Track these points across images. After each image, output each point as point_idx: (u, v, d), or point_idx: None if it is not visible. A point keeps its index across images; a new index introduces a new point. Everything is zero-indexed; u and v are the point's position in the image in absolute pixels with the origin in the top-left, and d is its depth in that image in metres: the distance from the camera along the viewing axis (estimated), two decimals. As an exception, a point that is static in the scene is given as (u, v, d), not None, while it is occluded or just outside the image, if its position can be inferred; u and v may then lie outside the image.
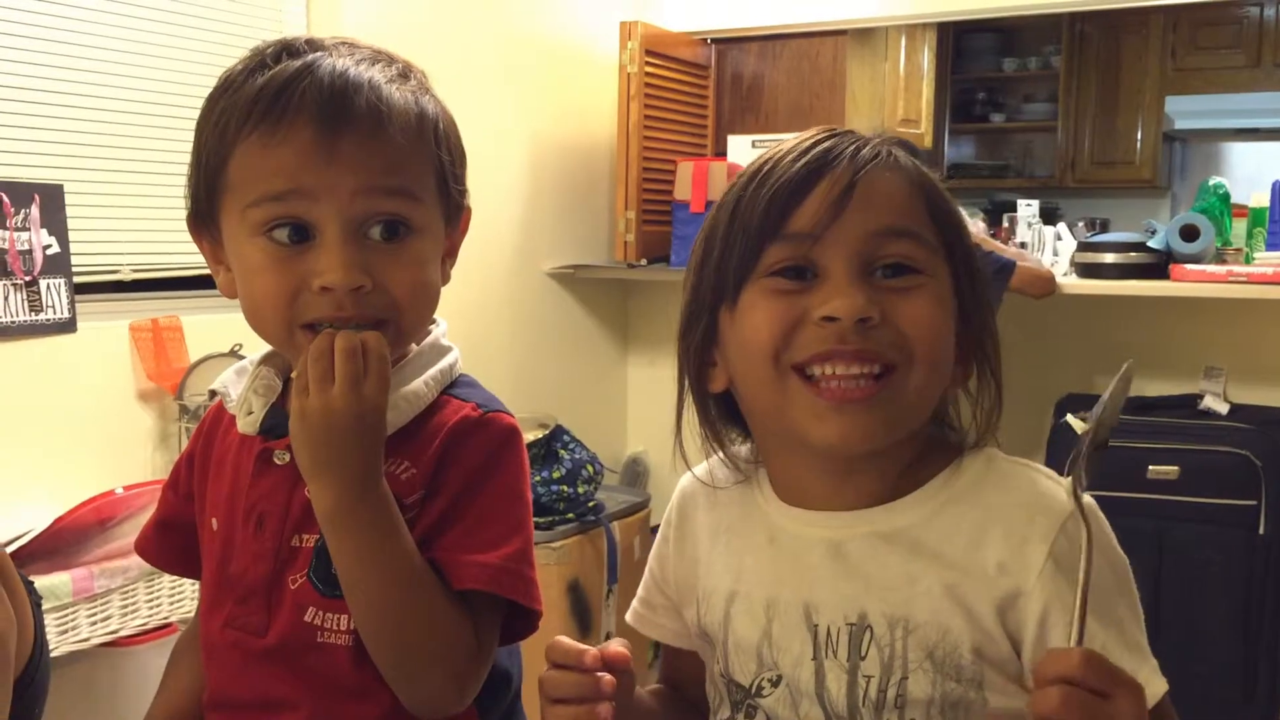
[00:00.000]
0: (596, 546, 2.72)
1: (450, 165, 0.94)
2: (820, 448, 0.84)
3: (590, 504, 2.72)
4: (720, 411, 0.93)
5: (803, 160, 0.85)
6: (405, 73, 0.93)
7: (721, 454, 0.93)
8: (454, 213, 0.96)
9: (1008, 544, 0.82)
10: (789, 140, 0.88)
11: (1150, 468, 2.66)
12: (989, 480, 0.86)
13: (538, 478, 2.68)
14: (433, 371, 0.96)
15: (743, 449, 0.95)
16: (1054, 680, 0.68)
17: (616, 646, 0.83)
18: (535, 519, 2.59)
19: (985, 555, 0.82)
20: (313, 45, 0.91)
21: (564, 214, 3.32)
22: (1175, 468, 2.64)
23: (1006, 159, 6.17)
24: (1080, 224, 5.13)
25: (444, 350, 0.99)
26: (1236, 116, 5.56)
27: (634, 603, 1.03)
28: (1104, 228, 5.05)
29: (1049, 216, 5.02)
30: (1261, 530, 2.60)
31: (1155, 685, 0.81)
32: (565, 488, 2.68)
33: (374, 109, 0.87)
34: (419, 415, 0.94)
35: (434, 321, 1.00)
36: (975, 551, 0.82)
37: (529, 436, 2.72)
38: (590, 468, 2.75)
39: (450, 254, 0.98)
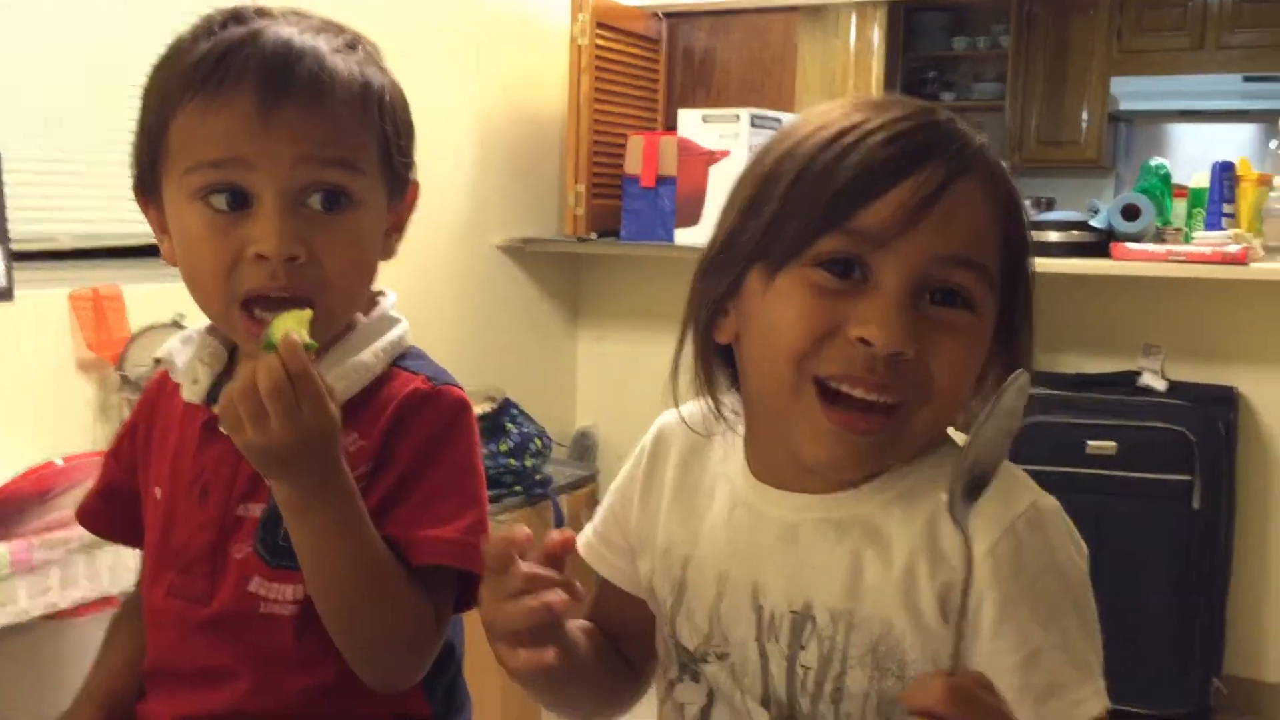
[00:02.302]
0: (543, 519, 2.73)
1: (395, 138, 0.93)
2: (808, 464, 0.81)
3: (537, 477, 2.72)
4: (719, 358, 0.88)
5: (894, 146, 0.77)
6: (353, 43, 0.92)
7: (710, 400, 0.89)
8: (399, 186, 0.95)
9: (954, 537, 0.79)
10: (881, 105, 0.80)
11: (1089, 443, 2.71)
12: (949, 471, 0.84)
13: (485, 451, 2.68)
14: (381, 343, 0.95)
15: (728, 399, 0.90)
16: (918, 712, 0.65)
17: (554, 534, 0.79)
18: (482, 492, 2.62)
19: (933, 546, 0.80)
20: (262, 14, 0.90)
21: (514, 187, 3.30)
22: (1113, 443, 2.69)
23: (955, 138, 6.23)
24: (1027, 202, 5.20)
25: (393, 321, 0.99)
26: (1180, 98, 5.65)
27: (589, 532, 0.99)
28: (1050, 206, 5.12)
29: (996, 195, 5.08)
30: (1196, 505, 2.66)
31: (1088, 708, 0.78)
32: (512, 461, 2.68)
33: (315, 78, 0.86)
34: (368, 387, 0.93)
35: (382, 293, 1.00)
36: (925, 542, 0.81)
37: (477, 410, 2.71)
38: (538, 441, 2.76)
39: (396, 228, 0.97)
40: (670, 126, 3.41)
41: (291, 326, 0.82)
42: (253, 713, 0.92)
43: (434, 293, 3.03)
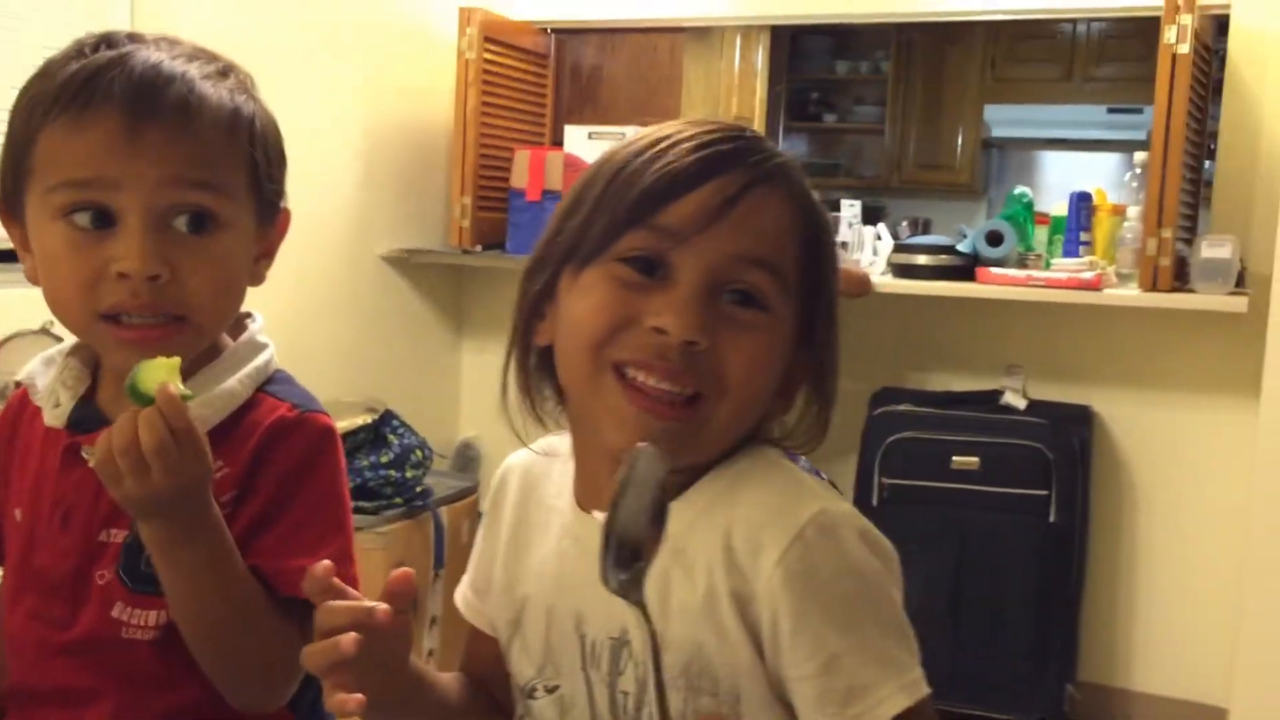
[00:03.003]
0: (424, 531, 2.74)
1: (265, 165, 0.94)
2: (612, 449, 0.82)
3: (418, 489, 2.73)
4: (540, 366, 0.89)
5: (699, 153, 0.81)
6: (225, 71, 0.94)
7: (530, 406, 0.89)
8: (269, 213, 0.97)
9: (745, 545, 0.81)
10: (696, 122, 0.85)
11: (954, 458, 2.82)
12: (746, 479, 0.84)
13: (366, 462, 2.67)
14: (248, 369, 0.96)
15: (555, 435, 0.92)
16: None
17: (396, 572, 0.79)
18: (362, 503, 2.61)
19: (729, 556, 0.81)
20: (134, 39, 0.91)
21: (399, 198, 3.30)
22: (976, 459, 2.80)
23: (838, 158, 6.38)
24: (904, 223, 5.36)
25: (259, 347, 0.99)
26: (1048, 127, 5.89)
27: (464, 585, 1.00)
28: (926, 228, 5.28)
29: (875, 215, 5.22)
30: (1052, 518, 2.79)
31: (894, 703, 0.78)
32: (393, 472, 2.68)
33: (183, 101, 0.88)
34: (234, 413, 0.94)
35: (250, 316, 1.01)
36: (722, 557, 0.81)
37: (358, 421, 2.71)
38: (419, 453, 2.76)
39: (266, 255, 0.98)
40: (557, 141, 3.45)
41: (162, 377, 0.82)
42: None
43: (316, 302, 3.01)
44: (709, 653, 0.81)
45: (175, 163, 0.87)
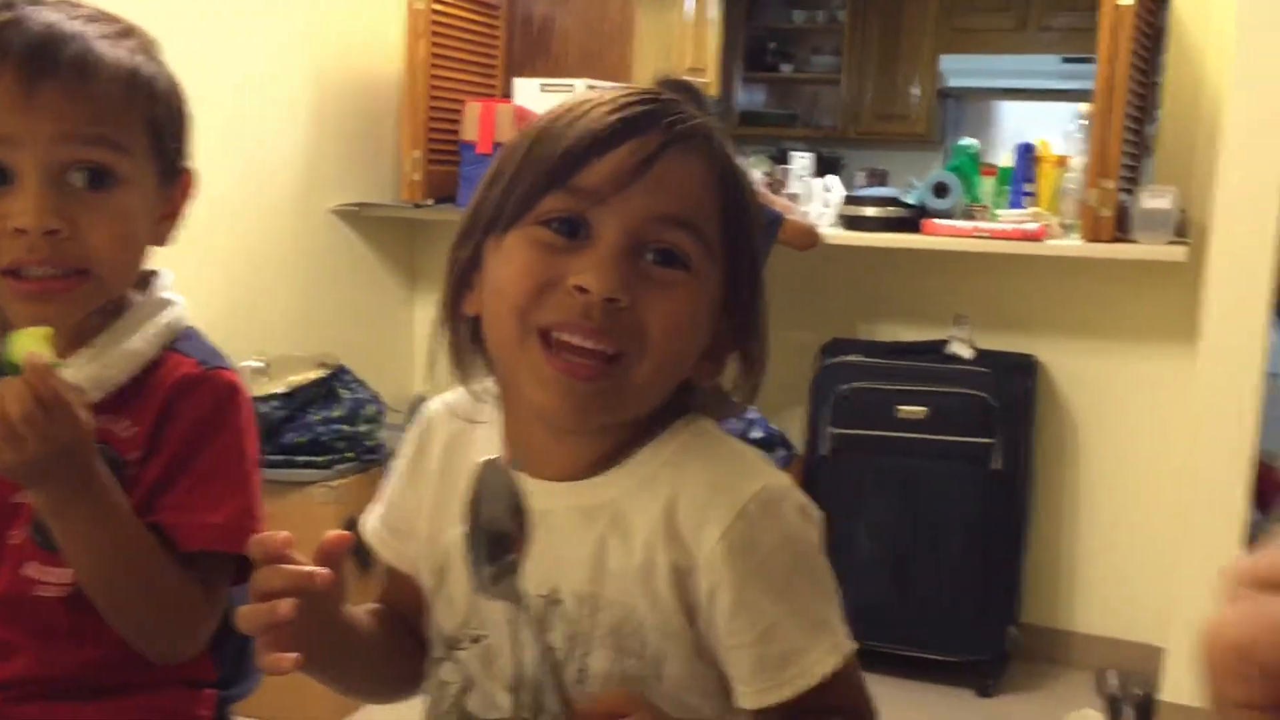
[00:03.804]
0: (376, 485, 2.74)
1: (167, 124, 0.95)
2: (538, 412, 0.84)
3: (369, 443, 2.74)
4: (470, 336, 0.90)
5: (615, 115, 0.82)
6: (125, 32, 0.94)
7: (462, 378, 0.90)
8: (171, 173, 0.97)
9: (689, 519, 0.84)
10: (621, 89, 0.86)
11: (900, 408, 2.86)
12: (690, 452, 0.87)
13: (318, 416, 2.68)
14: (154, 327, 0.97)
15: (487, 384, 0.92)
16: None
17: (331, 534, 0.80)
18: (314, 458, 2.62)
19: (671, 527, 0.84)
20: (33, 1, 0.91)
21: (349, 151, 3.28)
22: (923, 408, 2.85)
23: (794, 109, 6.39)
24: (861, 174, 5.39)
25: (166, 304, 1.00)
26: (1003, 77, 5.91)
27: (375, 518, 1.01)
28: (883, 179, 5.31)
29: (832, 167, 5.25)
30: (996, 466, 2.85)
31: (826, 664, 0.83)
32: (345, 427, 2.69)
33: (80, 59, 0.88)
34: (141, 372, 0.95)
35: (156, 273, 1.02)
36: (663, 527, 0.84)
37: (309, 376, 2.71)
38: (371, 407, 2.77)
39: (170, 215, 0.99)
40: (509, 94, 3.43)
41: (32, 346, 0.84)
42: (38, 680, 0.95)
43: (266, 256, 3.00)
44: (640, 616, 0.84)
45: (72, 119, 0.88)
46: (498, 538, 0.74)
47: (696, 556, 0.83)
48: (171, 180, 0.97)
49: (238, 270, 2.89)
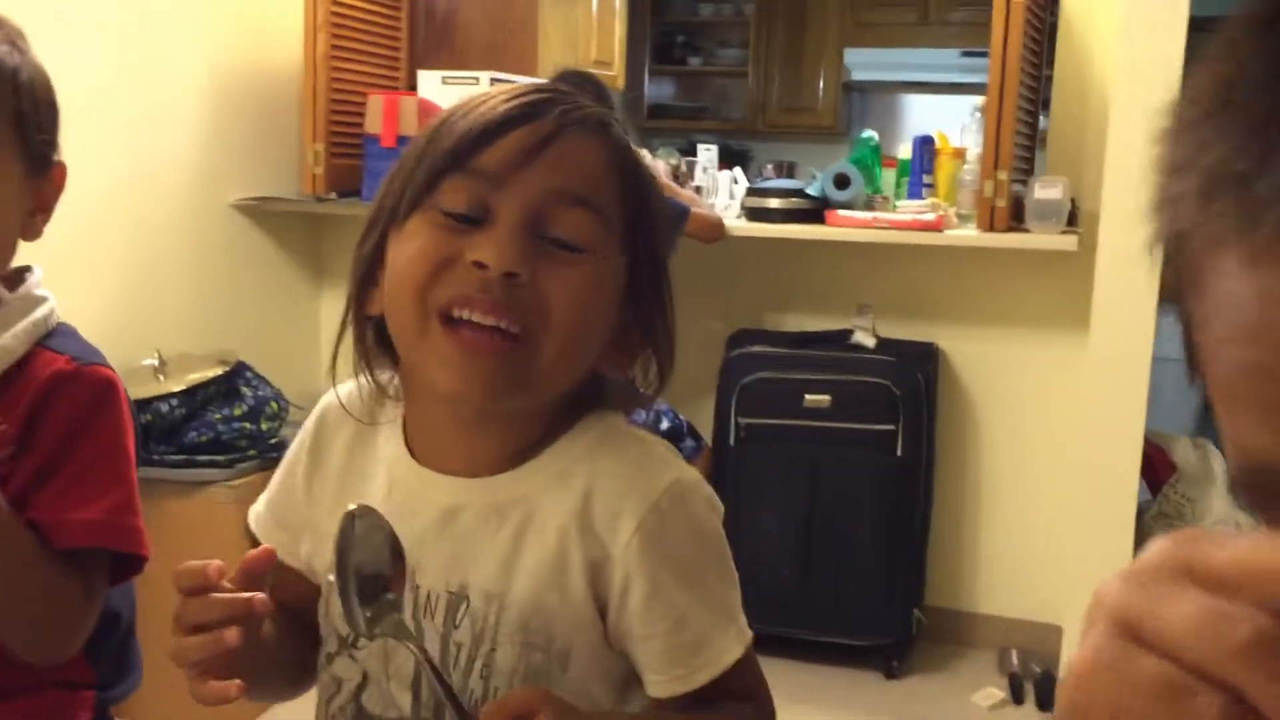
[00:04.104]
0: (281, 483, 2.71)
1: (32, 116, 0.93)
2: (444, 394, 0.83)
3: (274, 441, 2.70)
4: (376, 336, 0.88)
5: (512, 102, 0.83)
6: None
7: (368, 378, 0.89)
8: (39, 166, 0.96)
9: (604, 513, 0.84)
10: (513, 85, 0.87)
11: (806, 396, 2.90)
12: (603, 448, 0.87)
13: (218, 415, 2.63)
14: (24, 324, 0.95)
15: (391, 383, 0.91)
16: None
17: (257, 551, 0.80)
18: (215, 457, 2.58)
19: (585, 522, 0.84)
20: None
21: (249, 144, 3.22)
22: (828, 397, 2.89)
23: (703, 102, 6.43)
24: (769, 167, 5.44)
25: (37, 301, 0.99)
26: (906, 70, 6.01)
27: (260, 504, 0.99)
28: (791, 171, 5.37)
29: (741, 159, 5.29)
30: (900, 452, 2.90)
31: (731, 651, 0.86)
32: (248, 425, 2.65)
33: None
34: (11, 369, 0.94)
35: (29, 269, 1.00)
36: (577, 521, 0.84)
37: (208, 374, 2.66)
38: (274, 404, 2.73)
39: (41, 209, 0.97)
40: (412, 86, 3.40)
41: None
42: None
43: (163, 252, 2.93)
44: (549, 612, 0.84)
45: None
46: (371, 581, 0.74)
47: (611, 549, 0.84)
48: (41, 173, 0.95)
49: (133, 267, 2.83)
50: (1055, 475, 3.01)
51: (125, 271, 2.80)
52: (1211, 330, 0.34)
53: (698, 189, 3.23)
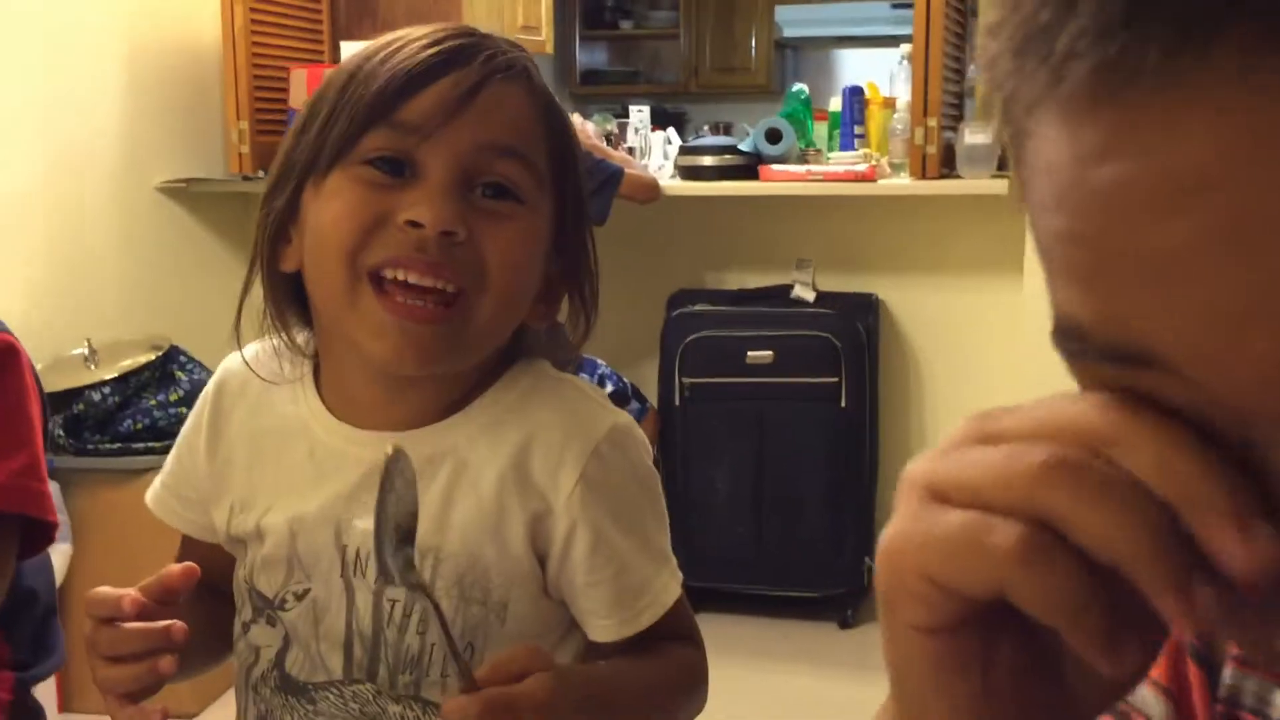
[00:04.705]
0: (222, 467, 2.67)
1: None
2: (376, 363, 0.81)
3: (212, 424, 2.66)
4: (288, 293, 0.85)
5: (433, 49, 0.79)
6: None
7: (285, 339, 0.86)
8: None
9: (544, 464, 0.84)
10: (427, 27, 0.83)
11: (749, 353, 2.90)
12: (536, 397, 0.86)
13: (154, 401, 2.59)
14: None
15: (300, 337, 0.88)
16: None
17: (178, 568, 0.78)
18: (152, 443, 2.53)
19: (523, 474, 0.84)
20: None
21: (172, 125, 3.15)
22: (770, 352, 2.90)
23: (637, 65, 6.38)
24: (706, 127, 5.42)
25: None
26: (837, 25, 6.01)
27: (158, 485, 0.96)
28: (729, 131, 5.36)
29: (676, 121, 5.26)
30: (843, 404, 2.92)
31: (670, 591, 0.87)
32: (184, 409, 2.60)
33: None
34: None
35: None
36: (514, 473, 0.83)
37: (141, 359, 2.61)
38: (211, 388, 2.69)
39: None
40: (336, 59, 3.34)
41: None
42: None
43: (89, 238, 2.87)
44: (486, 564, 0.83)
45: None
46: (402, 531, 0.72)
47: (553, 500, 0.83)
48: None
49: (58, 257, 2.76)
50: (997, 419, 3.03)
51: (50, 261, 2.73)
52: (1031, 195, 0.33)
53: (630, 151, 3.21)
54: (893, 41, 6.03)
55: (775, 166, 2.89)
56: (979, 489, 0.33)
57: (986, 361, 3.05)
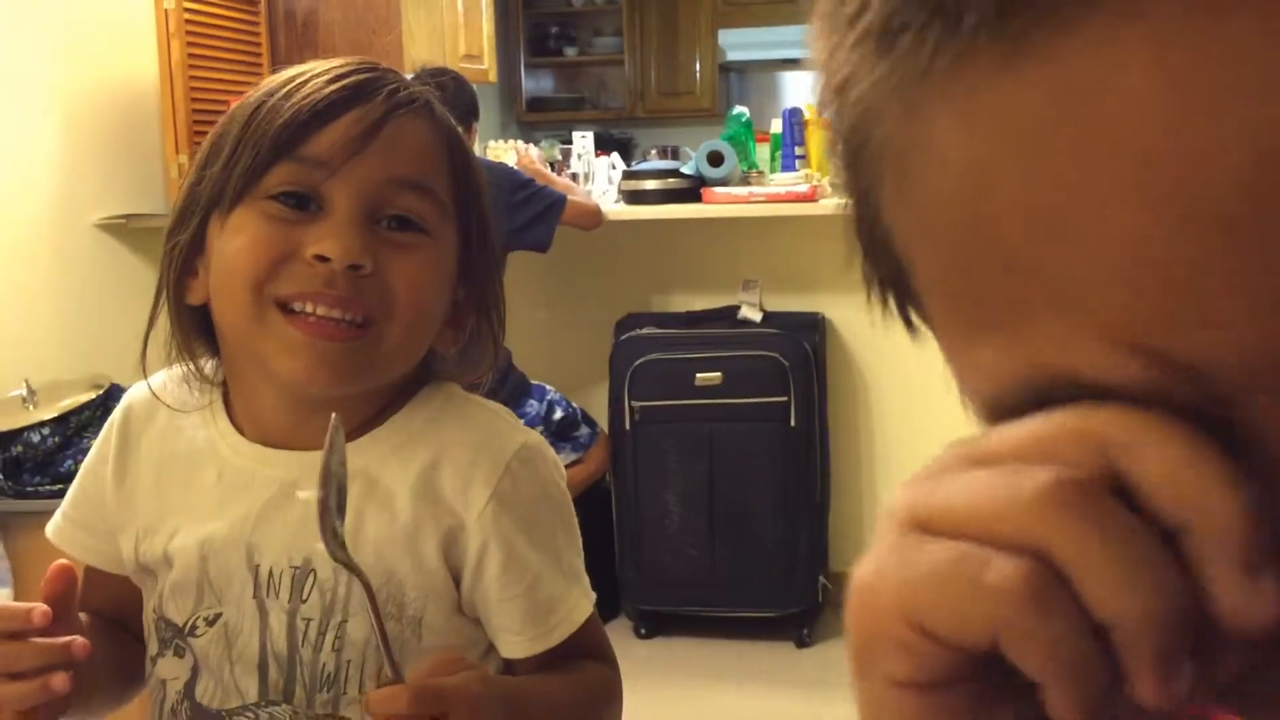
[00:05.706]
0: (167, 506, 2.63)
1: None
2: (288, 382, 0.82)
3: (155, 463, 2.62)
4: (194, 324, 0.87)
5: (337, 84, 0.81)
6: None
7: (192, 367, 0.87)
8: None
9: (454, 483, 0.85)
10: (329, 62, 0.85)
11: (698, 375, 2.91)
12: (445, 418, 0.88)
13: (94, 440, 2.55)
14: None
15: (207, 366, 0.89)
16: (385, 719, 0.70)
17: (52, 567, 0.77)
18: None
19: (434, 492, 0.85)
20: None
21: (110, 160, 3.12)
22: (718, 374, 2.90)
23: (583, 92, 6.40)
24: (654, 151, 5.45)
25: None
26: (780, 48, 6.06)
27: (59, 517, 0.95)
28: (675, 155, 5.38)
29: (624, 147, 5.28)
30: (793, 423, 2.93)
31: (582, 609, 0.89)
32: (126, 449, 2.56)
33: None
34: None
35: None
36: (425, 491, 0.85)
37: (81, 399, 2.57)
38: (153, 425, 2.65)
39: None
40: (276, 91, 3.33)
41: None
42: None
43: (25, 275, 2.83)
44: (400, 580, 0.84)
45: None
46: (337, 501, 0.71)
47: (465, 517, 0.84)
48: None
49: (-5, 293, 2.72)
50: (946, 432, 3.02)
51: (-15, 298, 2.69)
52: (918, 211, 0.30)
53: (574, 177, 3.22)
54: (835, 63, 6.13)
55: (718, 189, 2.90)
56: (970, 519, 0.28)
57: (933, 377, 3.06)
